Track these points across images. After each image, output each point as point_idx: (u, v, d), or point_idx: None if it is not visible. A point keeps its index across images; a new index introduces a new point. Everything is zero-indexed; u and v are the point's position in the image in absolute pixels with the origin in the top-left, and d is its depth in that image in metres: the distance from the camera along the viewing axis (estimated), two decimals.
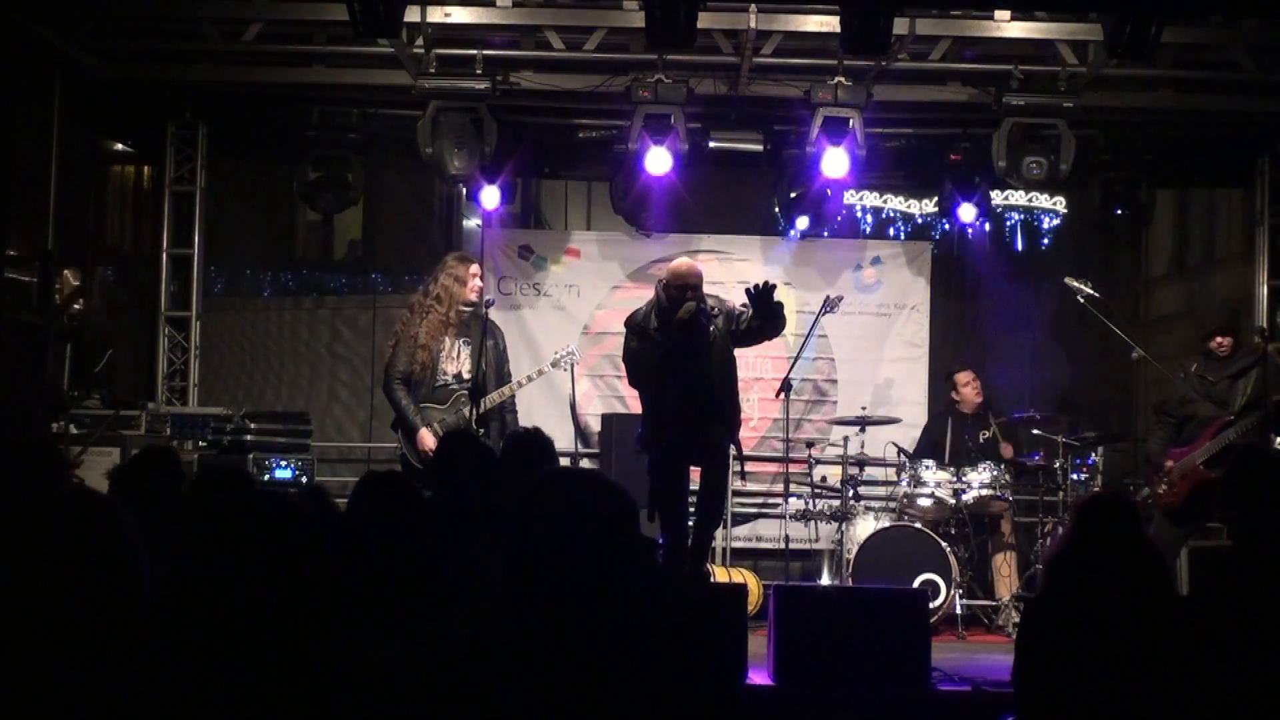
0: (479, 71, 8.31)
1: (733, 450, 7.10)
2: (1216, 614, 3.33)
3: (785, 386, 8.20)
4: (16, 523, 2.24)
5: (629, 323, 6.91)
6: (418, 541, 3.53)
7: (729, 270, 9.89)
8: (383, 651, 2.33)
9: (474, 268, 7.71)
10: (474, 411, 7.35)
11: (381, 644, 2.36)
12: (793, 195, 9.52)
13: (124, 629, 2.20)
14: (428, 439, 7.30)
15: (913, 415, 9.56)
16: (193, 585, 2.40)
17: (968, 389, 9.13)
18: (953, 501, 8.41)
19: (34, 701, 2.11)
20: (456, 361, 7.46)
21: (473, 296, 7.54)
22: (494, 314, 7.86)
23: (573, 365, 8.04)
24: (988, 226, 10.62)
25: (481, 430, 7.33)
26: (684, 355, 6.71)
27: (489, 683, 2.23)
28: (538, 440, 5.14)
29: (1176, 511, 7.14)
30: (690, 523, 7.04)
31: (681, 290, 6.72)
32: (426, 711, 2.26)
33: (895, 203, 10.64)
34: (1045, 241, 10.89)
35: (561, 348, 8.10)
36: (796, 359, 8.45)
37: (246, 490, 3.01)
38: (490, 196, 9.40)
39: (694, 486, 7.11)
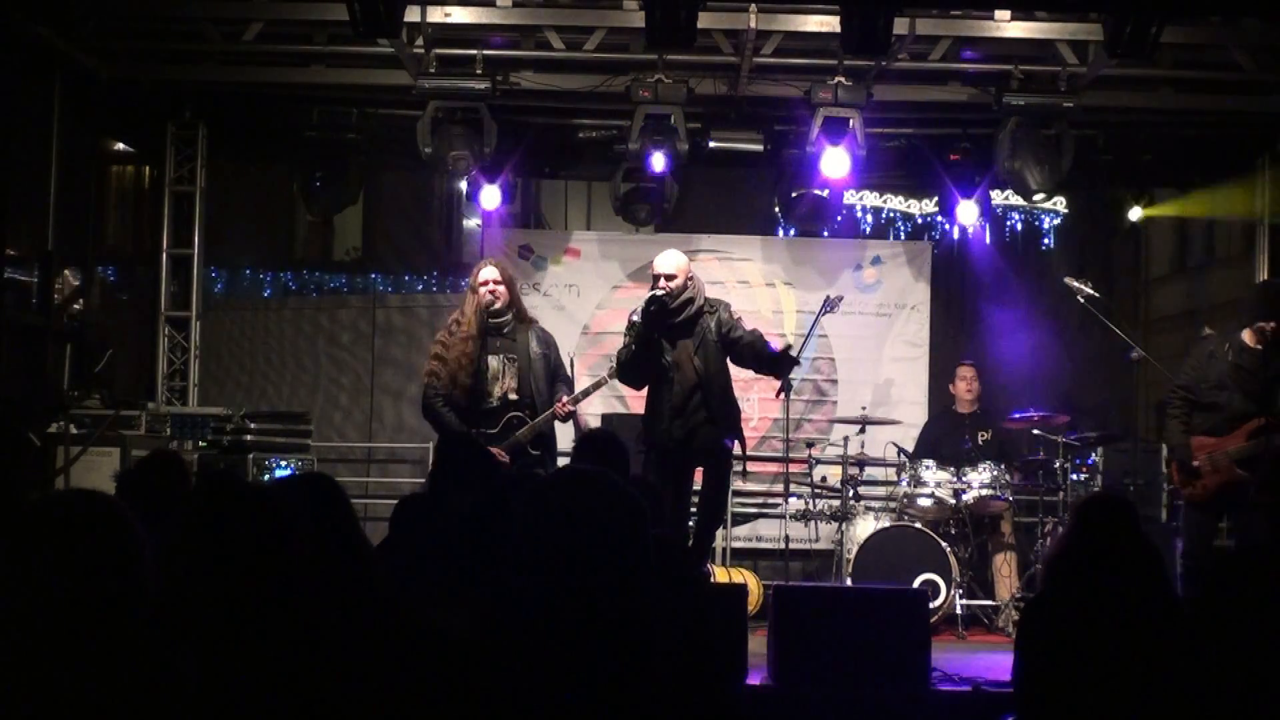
0: (479, 71, 8.31)
1: (736, 448, 7.04)
2: (1216, 614, 3.33)
3: (785, 386, 8.17)
4: (22, 522, 2.24)
5: (629, 318, 6.89)
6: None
7: (729, 270, 9.90)
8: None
9: (485, 271, 7.01)
10: (479, 402, 6.86)
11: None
12: (793, 195, 9.53)
13: (128, 629, 2.20)
14: (501, 455, 6.67)
15: (913, 415, 9.56)
16: (194, 586, 2.40)
17: (961, 384, 9.11)
18: (953, 501, 8.41)
19: (38, 702, 2.11)
20: (501, 382, 6.87)
21: (485, 304, 6.88)
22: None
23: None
24: (988, 226, 10.65)
25: (536, 452, 6.90)
26: (670, 347, 6.67)
27: (490, 678, 2.23)
28: (607, 440, 5.14)
29: (1206, 506, 6.98)
30: (691, 522, 7.03)
31: (654, 280, 6.72)
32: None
33: (895, 203, 10.66)
34: (1045, 241, 10.90)
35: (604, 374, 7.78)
36: (796, 359, 8.44)
37: (241, 493, 3.01)
38: (490, 196, 9.41)
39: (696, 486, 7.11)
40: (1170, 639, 3.27)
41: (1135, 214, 10.53)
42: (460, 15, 8.02)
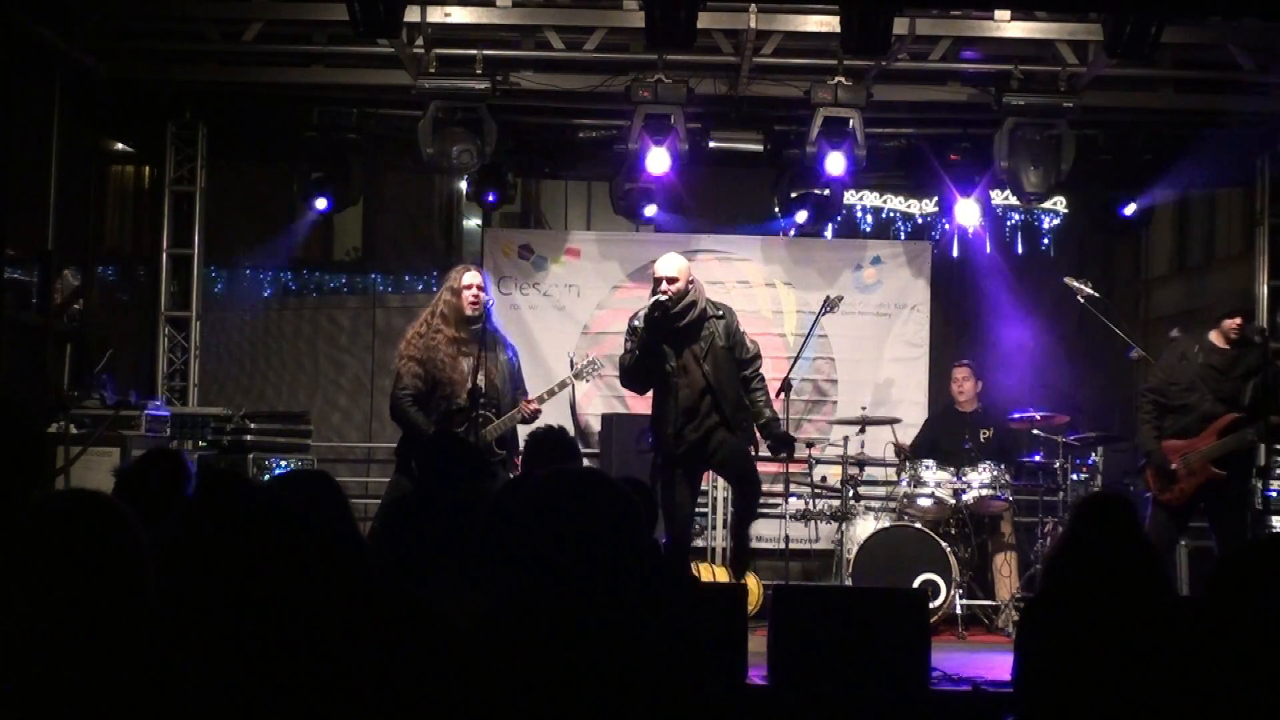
0: (479, 71, 8.31)
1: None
2: (1216, 614, 3.33)
3: (785, 386, 8.19)
4: (23, 524, 2.24)
5: (629, 322, 6.87)
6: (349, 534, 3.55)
7: (729, 270, 9.89)
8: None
9: (469, 276, 7.01)
10: (475, 419, 6.83)
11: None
12: (793, 195, 9.53)
13: (130, 630, 2.20)
14: None
15: (913, 415, 9.55)
16: (196, 586, 2.40)
17: (953, 385, 9.13)
18: (953, 501, 8.41)
19: (40, 703, 2.11)
20: (470, 382, 6.84)
21: (469, 310, 6.88)
22: (494, 313, 7.60)
23: (595, 374, 7.77)
24: (988, 226, 10.65)
25: (502, 451, 6.92)
26: (676, 351, 6.64)
27: (487, 676, 2.23)
28: (561, 439, 5.17)
29: (1180, 510, 7.01)
30: (703, 527, 7.00)
31: (655, 284, 6.69)
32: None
33: (895, 203, 10.65)
34: (1045, 241, 10.89)
35: (583, 357, 7.77)
36: (796, 359, 8.44)
37: (245, 492, 3.02)
38: (489, 196, 9.42)
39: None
40: (1170, 639, 3.27)
41: None
42: (460, 15, 8.02)
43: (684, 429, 6.63)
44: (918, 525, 8.35)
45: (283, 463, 8.31)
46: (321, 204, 9.56)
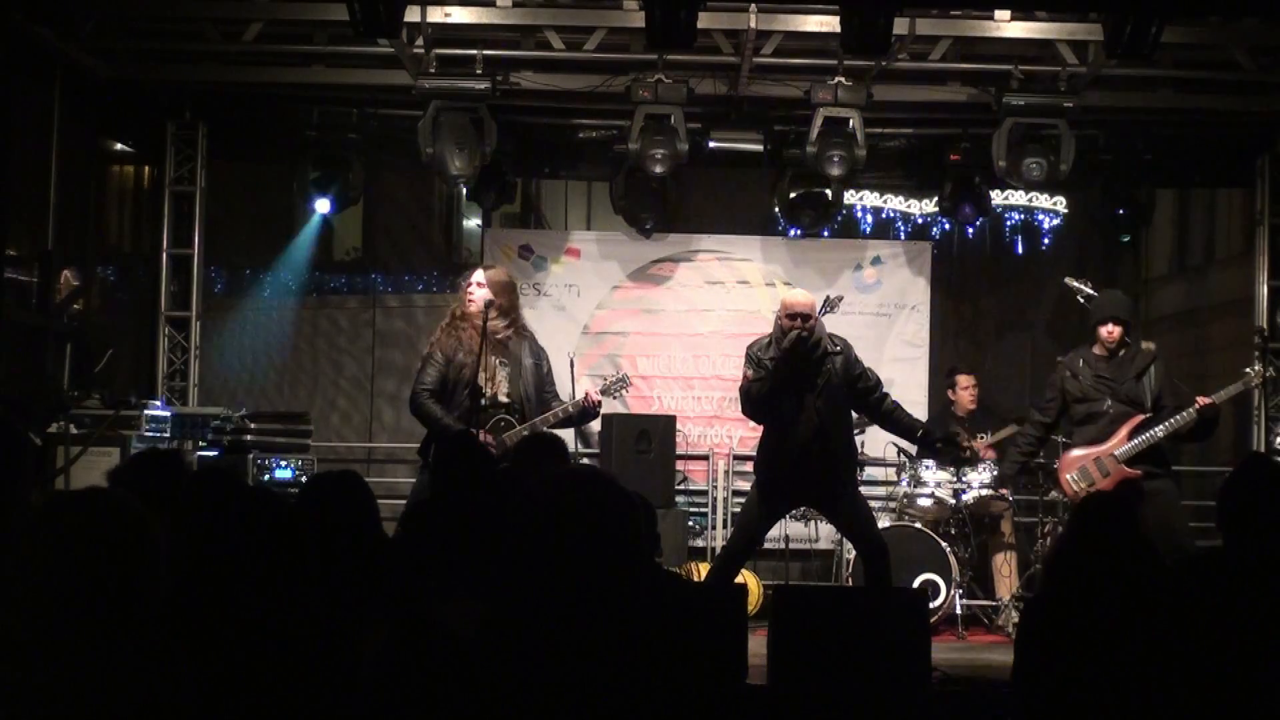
0: (479, 71, 8.32)
1: None
2: (1215, 615, 3.33)
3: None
4: (40, 520, 2.24)
5: (748, 350, 6.70)
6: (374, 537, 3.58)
7: (729, 270, 9.89)
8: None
9: (474, 275, 7.09)
10: (477, 404, 6.76)
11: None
12: (793, 195, 9.53)
13: (143, 625, 2.20)
14: (485, 436, 6.68)
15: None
16: (193, 582, 2.40)
17: (965, 392, 9.15)
18: (953, 501, 8.41)
19: (53, 696, 2.12)
20: (492, 384, 6.85)
21: (469, 307, 6.96)
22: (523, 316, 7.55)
23: (623, 391, 7.74)
24: (988, 226, 10.64)
25: None
26: (794, 390, 6.48)
27: (490, 677, 2.23)
28: (549, 440, 5.17)
29: None
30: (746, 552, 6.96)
31: (791, 319, 6.52)
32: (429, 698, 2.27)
33: (895, 203, 10.64)
34: (1045, 241, 10.89)
35: (612, 374, 7.79)
36: None
37: (236, 490, 3.02)
38: (489, 196, 9.42)
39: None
40: (1170, 639, 3.27)
41: None
42: (460, 15, 8.02)
43: (794, 470, 6.52)
44: (918, 525, 8.35)
45: (283, 463, 8.30)
46: (324, 206, 9.53)
